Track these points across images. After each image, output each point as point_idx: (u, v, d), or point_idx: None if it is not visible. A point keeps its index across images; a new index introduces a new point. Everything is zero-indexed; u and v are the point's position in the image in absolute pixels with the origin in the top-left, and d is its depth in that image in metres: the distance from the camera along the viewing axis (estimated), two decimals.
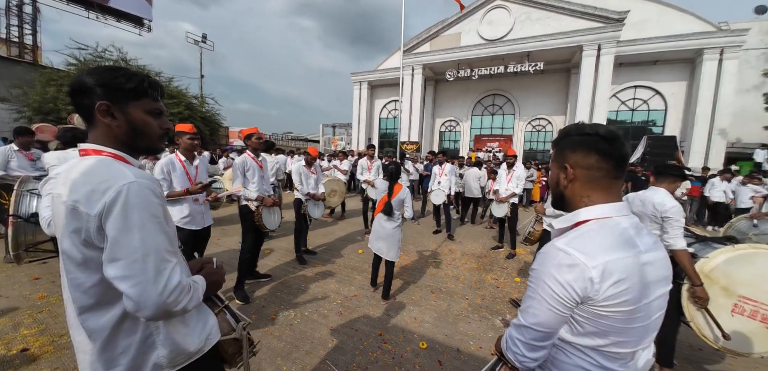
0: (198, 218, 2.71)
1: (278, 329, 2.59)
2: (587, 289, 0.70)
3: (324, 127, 29.79)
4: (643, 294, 0.72)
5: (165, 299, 0.75)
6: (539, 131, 18.01)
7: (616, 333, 0.73)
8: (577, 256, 0.71)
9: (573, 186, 0.84)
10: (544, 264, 0.77)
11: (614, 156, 0.79)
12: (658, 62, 14.48)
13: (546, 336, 0.77)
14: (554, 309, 0.74)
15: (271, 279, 3.54)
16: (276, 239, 4.97)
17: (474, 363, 2.31)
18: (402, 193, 3.10)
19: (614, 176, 0.80)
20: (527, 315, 0.79)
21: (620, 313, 0.71)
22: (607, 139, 0.79)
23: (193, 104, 17.87)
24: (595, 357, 0.76)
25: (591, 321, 0.73)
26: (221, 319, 1.11)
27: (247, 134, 3.18)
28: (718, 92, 12.89)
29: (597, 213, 0.79)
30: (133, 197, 0.74)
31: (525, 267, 4.34)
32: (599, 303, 0.71)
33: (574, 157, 0.83)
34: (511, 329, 0.84)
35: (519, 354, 0.80)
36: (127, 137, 0.85)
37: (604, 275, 0.69)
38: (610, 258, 0.70)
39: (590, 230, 0.77)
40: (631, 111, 15.93)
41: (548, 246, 0.79)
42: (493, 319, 2.95)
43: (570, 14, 14.09)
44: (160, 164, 2.50)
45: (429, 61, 17.40)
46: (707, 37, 12.94)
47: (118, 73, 0.82)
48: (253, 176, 3.14)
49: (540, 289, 0.76)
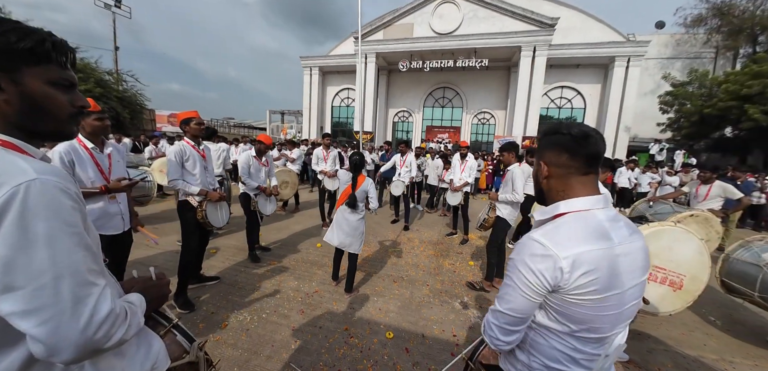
0: (116, 221, 2.12)
1: (232, 335, 2.34)
2: (557, 278, 0.74)
3: (271, 113, 27.95)
4: (613, 284, 0.76)
5: (91, 336, 0.57)
6: (484, 123, 19.35)
7: (588, 320, 0.77)
8: (550, 247, 0.75)
9: (549, 182, 0.89)
10: (520, 253, 0.81)
11: (583, 154, 0.83)
12: (580, 66, 16.55)
13: (519, 321, 0.82)
14: (526, 295, 0.78)
15: (219, 281, 3.19)
16: (223, 237, 4.52)
17: (439, 346, 2.38)
18: (366, 184, 3.02)
19: (585, 171, 0.84)
20: (502, 301, 0.84)
21: (590, 301, 0.75)
22: (577, 139, 0.83)
23: (105, 81, 15.26)
24: (569, 341, 0.80)
25: (563, 307, 0.77)
26: (170, 341, 0.92)
27: (185, 118, 2.73)
28: (624, 94, 15.24)
29: (575, 206, 0.83)
30: (34, 200, 0.54)
31: (477, 252, 4.63)
32: (569, 291, 0.75)
33: (549, 155, 0.88)
34: (489, 314, 0.90)
35: (494, 337, 0.86)
36: (22, 117, 0.63)
37: (574, 266, 0.73)
38: (581, 250, 0.74)
39: (565, 222, 0.81)
40: (558, 109, 18.00)
41: (525, 237, 0.83)
42: (452, 303, 3.08)
43: (511, 16, 15.24)
44: (60, 151, 1.87)
45: (382, 50, 17.36)
46: (618, 46, 15.14)
47: (5, 28, 0.59)
48: (194, 167, 2.73)
49: (514, 277, 0.80)
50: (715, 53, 16.92)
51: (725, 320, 3.11)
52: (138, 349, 0.77)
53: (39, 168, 0.57)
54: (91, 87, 13.35)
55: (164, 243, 4.14)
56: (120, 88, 16.02)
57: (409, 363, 2.18)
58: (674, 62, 17.53)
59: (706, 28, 16.64)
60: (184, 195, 2.73)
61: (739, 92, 11.37)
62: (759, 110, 10.84)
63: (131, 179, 2.15)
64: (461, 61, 15.77)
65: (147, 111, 19.13)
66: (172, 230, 4.56)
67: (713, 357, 2.52)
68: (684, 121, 14.33)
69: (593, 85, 16.82)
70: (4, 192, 0.52)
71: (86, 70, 13.98)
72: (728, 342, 2.74)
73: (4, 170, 0.55)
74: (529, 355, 0.87)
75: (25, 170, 0.55)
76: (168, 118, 20.59)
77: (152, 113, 20.17)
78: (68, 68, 0.68)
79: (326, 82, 21.76)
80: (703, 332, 2.88)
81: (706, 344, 2.69)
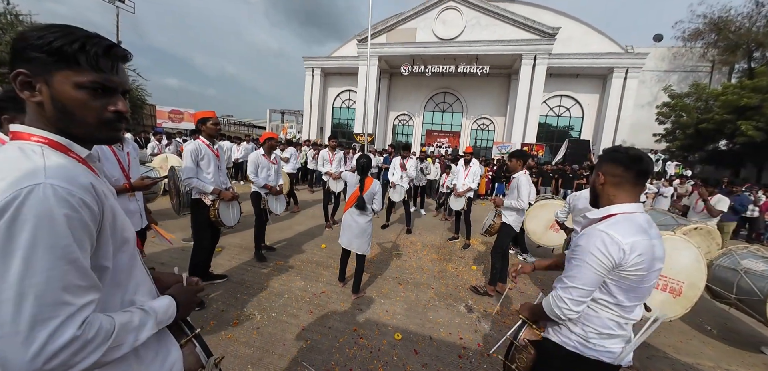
0: (135, 218, 2.20)
1: (244, 334, 2.38)
2: (620, 258, 1.01)
3: (271, 112, 27.92)
4: (651, 266, 1.03)
5: (40, 366, 0.51)
6: (483, 129, 19.51)
7: (630, 291, 1.05)
8: (616, 236, 1.02)
9: (604, 188, 1.15)
10: (590, 241, 1.05)
11: (635, 170, 1.08)
12: (579, 76, 16.77)
13: (588, 294, 1.07)
14: (597, 271, 1.04)
15: (227, 279, 3.23)
16: (227, 236, 4.54)
17: (447, 349, 2.43)
18: (373, 186, 3.08)
19: (634, 183, 1.10)
20: (575, 280, 1.07)
21: (637, 276, 1.03)
22: (633, 159, 1.09)
23: None
24: (616, 310, 1.07)
25: (617, 282, 1.04)
26: (188, 352, 0.89)
27: (202, 118, 2.77)
28: (622, 105, 15.47)
29: (624, 209, 1.09)
30: (30, 206, 0.52)
31: (479, 256, 4.70)
32: (626, 268, 1.01)
33: (606, 167, 1.14)
34: (559, 291, 1.12)
35: (566, 308, 1.09)
36: (57, 119, 0.63)
37: (632, 249, 1.00)
38: (636, 239, 1.01)
39: (619, 220, 1.07)
40: (557, 117, 18.21)
41: (591, 229, 1.09)
42: (457, 306, 3.14)
43: (513, 24, 15.43)
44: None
45: (385, 54, 17.47)
46: (617, 58, 15.39)
47: (48, 31, 0.59)
48: (208, 166, 2.78)
49: (587, 259, 1.05)
50: (711, 67, 17.24)
51: (721, 329, 3.20)
52: (156, 355, 0.75)
53: (53, 172, 0.56)
54: None
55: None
56: None
57: (418, 363, 2.23)
58: (671, 75, 17.82)
59: (703, 43, 16.96)
60: (197, 194, 2.77)
61: (737, 103, 11.58)
62: (752, 126, 11.07)
63: (152, 178, 2.19)
64: (463, 67, 15.92)
65: (147, 106, 19.05)
66: (176, 227, 4.59)
67: (710, 364, 2.60)
68: (679, 132, 14.56)
69: (591, 95, 17.05)
70: (9, 193, 0.52)
71: None
72: (724, 350, 2.82)
73: (19, 169, 0.55)
74: (583, 327, 1.11)
75: (36, 173, 0.54)
76: (169, 114, 20.47)
77: (152, 109, 20.07)
78: (105, 71, 0.64)
79: (328, 84, 21.82)
80: (699, 340, 2.96)
81: (702, 352, 2.77)
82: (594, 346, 1.09)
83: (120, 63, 0.68)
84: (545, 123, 18.03)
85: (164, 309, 0.77)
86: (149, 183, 2.12)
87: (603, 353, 1.09)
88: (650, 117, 16.23)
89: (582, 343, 1.11)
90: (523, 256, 4.81)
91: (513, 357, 1.29)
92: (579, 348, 1.11)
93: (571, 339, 1.13)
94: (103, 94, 0.65)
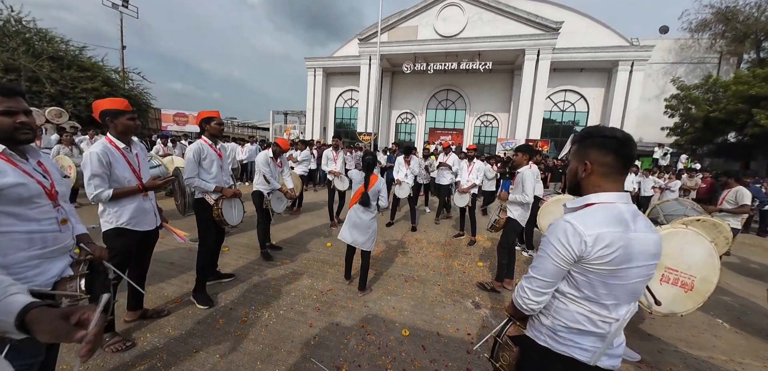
0: (149, 218, 2.20)
1: (253, 331, 2.40)
2: (582, 250, 0.93)
3: (274, 114, 28.02)
4: (625, 262, 0.93)
5: None
6: (487, 126, 19.39)
7: (601, 286, 0.96)
8: (579, 227, 0.94)
9: (588, 178, 1.04)
10: (553, 232, 0.99)
11: (626, 156, 0.98)
12: (583, 70, 16.58)
13: (549, 285, 1.02)
14: (556, 263, 0.98)
15: (234, 278, 3.26)
16: (233, 236, 4.57)
17: (454, 345, 2.43)
18: (378, 183, 3.08)
19: (622, 171, 1.00)
20: (536, 270, 1.03)
21: (604, 269, 0.94)
22: (622, 142, 0.98)
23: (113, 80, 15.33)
24: (587, 305, 0.99)
25: (583, 274, 0.97)
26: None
27: (206, 117, 2.76)
28: (628, 99, 15.27)
29: (603, 199, 0.99)
30: None
31: (485, 253, 4.68)
32: (590, 261, 0.94)
33: (594, 154, 1.02)
34: (522, 281, 1.09)
35: (526, 298, 1.05)
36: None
37: (596, 241, 0.92)
38: (603, 231, 0.92)
39: (593, 210, 0.98)
40: (561, 112, 18.03)
41: (557, 220, 1.01)
42: (464, 302, 3.12)
43: (516, 19, 15.30)
44: (97, 152, 1.90)
45: (387, 52, 17.43)
46: (622, 51, 15.18)
47: None
48: (211, 166, 2.77)
49: (548, 249, 0.99)
50: (718, 58, 16.93)
51: (733, 322, 3.15)
52: None
53: None
54: (98, 85, 13.44)
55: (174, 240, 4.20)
56: (126, 86, 16.12)
57: (426, 359, 2.23)
58: (678, 67, 17.55)
59: (711, 34, 16.66)
60: (200, 193, 2.78)
61: (747, 93, 11.35)
62: (766, 116, 10.84)
63: (164, 178, 2.22)
64: (465, 64, 15.84)
65: (152, 110, 19.23)
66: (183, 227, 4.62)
67: (723, 358, 2.56)
68: (688, 125, 14.33)
69: (597, 89, 16.85)
70: None
71: (93, 68, 14.08)
72: (737, 344, 2.78)
73: None
74: (552, 319, 1.06)
75: None
76: (173, 117, 20.65)
77: (158, 112, 20.25)
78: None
79: (330, 84, 21.86)
80: (711, 333, 2.92)
81: (715, 345, 2.73)
82: (563, 341, 1.03)
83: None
84: (550, 119, 17.86)
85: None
86: (161, 183, 2.15)
87: (573, 348, 1.02)
88: (657, 110, 15.98)
89: (551, 337, 1.06)
90: (529, 252, 4.78)
91: (497, 355, 1.25)
92: (549, 342, 1.06)
93: (542, 332, 1.08)
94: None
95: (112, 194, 1.96)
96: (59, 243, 1.24)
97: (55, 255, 1.22)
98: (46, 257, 1.19)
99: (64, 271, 1.24)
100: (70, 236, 1.29)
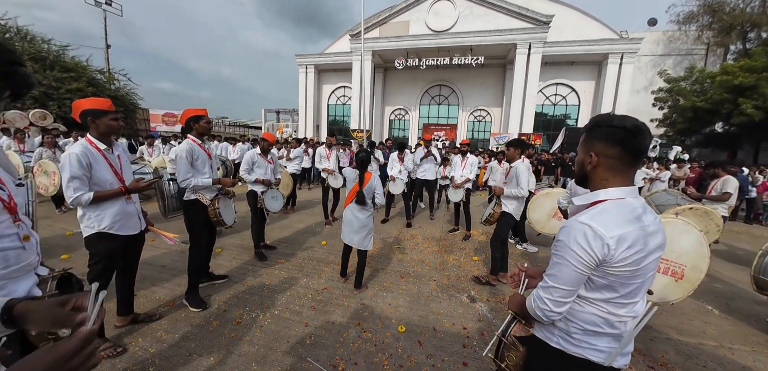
0: (133, 221, 2.12)
1: (247, 333, 2.37)
2: (605, 254, 0.87)
3: (266, 112, 27.73)
4: (644, 258, 0.89)
5: None
6: (480, 121, 19.48)
7: (622, 286, 0.91)
8: (599, 229, 0.87)
9: (595, 170, 0.97)
10: (570, 237, 0.91)
11: (635, 149, 0.91)
12: (574, 63, 16.75)
13: (570, 294, 0.94)
14: (579, 270, 0.91)
15: (228, 279, 3.21)
16: (226, 236, 4.51)
17: (451, 339, 2.43)
18: (373, 181, 3.05)
19: (631, 164, 0.93)
20: (556, 278, 0.95)
21: (627, 271, 0.89)
22: (632, 133, 0.90)
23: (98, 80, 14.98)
24: (606, 307, 0.94)
25: (604, 277, 0.91)
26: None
27: (194, 116, 2.67)
28: (618, 91, 15.47)
29: (613, 195, 0.93)
30: None
31: (480, 247, 4.70)
32: (613, 264, 0.88)
33: (600, 146, 0.95)
34: (539, 290, 1.01)
35: (547, 310, 0.97)
36: None
37: (619, 243, 0.86)
38: (624, 231, 0.87)
39: (607, 208, 0.92)
40: (553, 105, 18.21)
41: (573, 221, 0.93)
42: (460, 296, 3.13)
43: (506, 13, 15.35)
44: (77, 153, 1.83)
45: (379, 48, 17.34)
46: (611, 44, 15.35)
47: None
48: (204, 166, 2.72)
49: (567, 256, 0.91)
50: (706, 50, 17.24)
51: (723, 308, 3.21)
52: None
53: None
54: (83, 86, 13.11)
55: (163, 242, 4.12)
56: (112, 87, 15.75)
57: (423, 355, 2.23)
58: (666, 59, 17.83)
59: (698, 25, 16.95)
60: (193, 195, 2.72)
61: (732, 83, 11.59)
62: (751, 105, 11.09)
63: (147, 179, 2.15)
64: (457, 59, 15.85)
65: (140, 110, 18.85)
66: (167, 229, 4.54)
67: (713, 343, 2.61)
68: (677, 117, 14.59)
69: (587, 82, 17.04)
70: None
71: (77, 68, 13.72)
72: (727, 330, 2.84)
73: None
74: (567, 322, 1.00)
75: None
76: (162, 117, 20.28)
77: (146, 113, 19.87)
78: None
79: (322, 81, 21.68)
80: (701, 320, 2.98)
81: (705, 332, 2.78)
82: (578, 343, 0.98)
83: None
84: (542, 112, 18.02)
85: None
86: (144, 185, 2.08)
87: (589, 350, 0.98)
88: (647, 102, 16.25)
89: (565, 339, 1.01)
90: (522, 246, 4.81)
91: (502, 355, 1.20)
92: (562, 345, 1.01)
93: (555, 334, 1.03)
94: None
95: (92, 197, 1.89)
96: (22, 262, 1.07)
97: (19, 274, 1.06)
98: (9, 278, 1.03)
99: (31, 291, 1.09)
100: (34, 253, 1.12)
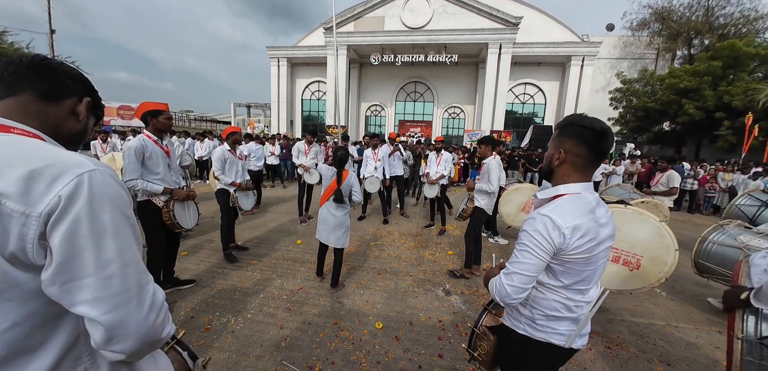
0: None
1: (218, 339, 2.26)
2: (561, 243, 0.97)
3: (236, 106, 26.49)
4: (595, 247, 1.00)
5: (152, 321, 0.59)
6: (454, 118, 19.94)
7: (577, 274, 1.02)
8: (557, 220, 0.97)
9: (561, 166, 1.06)
10: (532, 227, 1.01)
11: (599, 150, 1.00)
12: (541, 64, 17.60)
13: (531, 280, 1.02)
14: (539, 256, 0.99)
15: (195, 284, 3.04)
16: (194, 238, 4.27)
17: (427, 332, 2.48)
18: (350, 178, 3.02)
19: (593, 163, 1.03)
20: (518, 265, 1.02)
21: (581, 258, 1.00)
22: (599, 135, 0.99)
23: None
24: (564, 293, 1.05)
25: (562, 265, 1.02)
26: (173, 358, 0.91)
27: (152, 110, 2.45)
28: (579, 91, 16.48)
29: (571, 190, 1.03)
30: (99, 190, 0.55)
31: (455, 241, 4.82)
32: (569, 252, 0.98)
33: (569, 143, 1.03)
34: (501, 278, 1.07)
35: (506, 295, 1.04)
36: None
37: (574, 232, 0.97)
38: (578, 222, 0.97)
39: (565, 202, 1.02)
40: (522, 104, 19.04)
41: (535, 214, 1.03)
42: (435, 290, 3.20)
43: (478, 13, 15.78)
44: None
45: (353, 42, 17.15)
46: (574, 46, 16.30)
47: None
48: (158, 165, 2.50)
49: (529, 243, 1.00)
50: (656, 54, 18.83)
51: (669, 290, 3.55)
52: (155, 364, 0.76)
53: (91, 160, 0.58)
54: None
55: None
56: None
57: (400, 349, 2.25)
58: (622, 62, 19.26)
59: (649, 32, 18.44)
60: (146, 195, 2.53)
61: (678, 86, 12.82)
62: (693, 106, 12.30)
63: None
64: (432, 56, 16.08)
65: None
66: None
67: (661, 323, 2.88)
68: (631, 116, 15.84)
69: (552, 83, 17.99)
70: (70, 180, 0.52)
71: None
72: (673, 310, 3.14)
73: (61, 159, 0.54)
74: (531, 309, 1.10)
75: (82, 161, 0.56)
76: (117, 110, 18.71)
77: None
78: None
79: (295, 75, 21.08)
80: (651, 302, 3.27)
81: (654, 312, 3.06)
82: (542, 328, 1.08)
83: None
84: (512, 110, 18.79)
85: None
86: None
87: (551, 334, 1.08)
88: (605, 102, 17.48)
89: (530, 325, 1.10)
90: (494, 239, 5.01)
91: (475, 345, 1.28)
92: (528, 331, 1.11)
93: (521, 321, 1.13)
94: None
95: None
96: None
97: None
98: None
99: None
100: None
